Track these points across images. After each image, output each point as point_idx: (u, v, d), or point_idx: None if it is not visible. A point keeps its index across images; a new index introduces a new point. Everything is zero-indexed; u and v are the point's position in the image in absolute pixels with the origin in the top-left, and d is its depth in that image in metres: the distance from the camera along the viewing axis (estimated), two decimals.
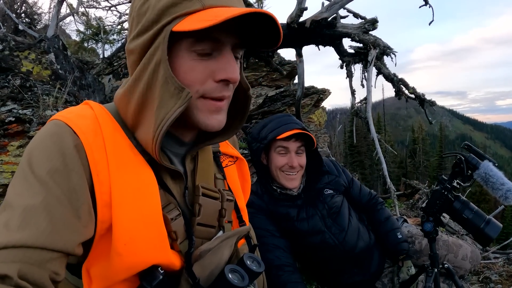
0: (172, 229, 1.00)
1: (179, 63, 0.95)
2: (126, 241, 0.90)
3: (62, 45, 4.51)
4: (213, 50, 0.96)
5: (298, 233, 2.32)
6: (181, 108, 0.92)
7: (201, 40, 0.93)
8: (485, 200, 25.40)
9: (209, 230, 1.12)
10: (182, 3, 0.90)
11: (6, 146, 2.83)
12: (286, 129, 2.22)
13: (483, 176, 1.94)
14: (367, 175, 39.50)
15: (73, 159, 0.88)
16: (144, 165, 0.99)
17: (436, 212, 2.10)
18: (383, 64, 4.79)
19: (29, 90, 3.37)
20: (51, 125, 0.94)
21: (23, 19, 12.62)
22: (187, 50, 0.94)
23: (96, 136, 0.94)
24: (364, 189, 2.68)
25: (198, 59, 0.95)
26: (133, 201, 0.93)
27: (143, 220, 0.94)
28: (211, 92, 0.97)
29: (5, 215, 0.80)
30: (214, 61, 0.96)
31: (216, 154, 1.29)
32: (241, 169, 1.42)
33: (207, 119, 1.00)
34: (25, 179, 0.85)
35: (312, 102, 7.99)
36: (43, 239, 0.79)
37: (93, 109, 1.02)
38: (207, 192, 1.13)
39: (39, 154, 0.88)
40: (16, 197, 0.83)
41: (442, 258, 2.46)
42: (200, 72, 0.95)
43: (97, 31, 13.24)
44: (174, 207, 1.03)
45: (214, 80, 0.96)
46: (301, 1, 4.66)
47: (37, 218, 0.80)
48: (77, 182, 0.88)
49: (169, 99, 0.92)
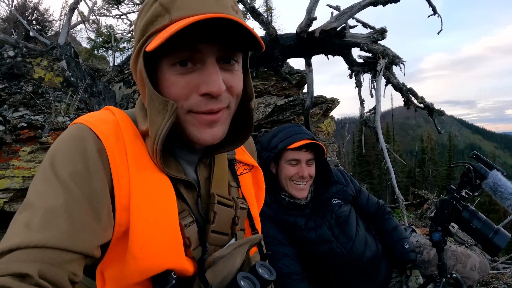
0: (186, 235, 1.00)
1: (162, 79, 0.95)
2: (142, 245, 0.91)
3: (74, 53, 4.56)
4: (196, 61, 0.94)
5: (306, 242, 2.32)
6: (169, 121, 0.92)
7: (178, 51, 0.92)
8: (494, 210, 25.09)
9: (222, 237, 1.12)
10: (157, 19, 0.91)
11: (18, 151, 2.87)
12: (296, 139, 2.24)
13: (492, 185, 1.93)
14: (376, 185, 39.29)
15: (95, 163, 0.90)
16: (161, 172, 1.01)
17: (445, 221, 2.09)
18: (392, 74, 4.79)
19: (41, 96, 3.42)
20: (74, 129, 0.96)
21: (34, 26, 12.79)
22: (168, 65, 0.94)
23: (117, 141, 0.96)
24: (372, 199, 2.68)
25: (179, 74, 0.94)
26: (151, 206, 0.94)
27: (159, 225, 0.95)
28: (197, 107, 0.95)
29: (26, 215, 0.82)
30: (197, 74, 0.94)
31: (232, 161, 1.29)
32: (256, 178, 1.42)
33: (199, 133, 0.99)
34: (47, 180, 0.86)
35: (321, 112, 7.97)
36: (64, 241, 0.80)
37: (115, 114, 1.04)
38: (222, 200, 1.13)
39: (62, 156, 0.89)
40: (38, 198, 0.84)
41: (451, 268, 2.44)
42: (183, 87, 0.94)
43: (108, 39, 13.38)
44: (188, 214, 1.04)
45: (198, 93, 0.94)
46: (310, 11, 4.68)
47: (58, 220, 0.81)
48: (98, 186, 0.89)
49: (156, 115, 0.94)
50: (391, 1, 4.42)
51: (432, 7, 4.83)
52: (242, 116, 1.12)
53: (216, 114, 0.98)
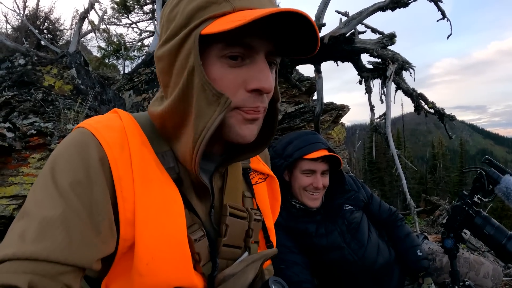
0: (195, 250, 0.95)
1: (209, 71, 0.88)
2: (148, 261, 0.87)
3: (83, 61, 4.60)
4: (246, 57, 0.89)
5: (316, 249, 2.29)
6: (221, 115, 0.86)
7: (232, 45, 0.87)
8: (507, 216, 24.82)
9: (235, 251, 1.08)
10: (211, 6, 0.85)
11: (27, 158, 2.88)
12: (313, 149, 2.20)
13: (505, 190, 1.90)
14: (387, 192, 39.04)
15: (97, 173, 0.85)
16: (169, 184, 0.95)
17: (457, 228, 2.06)
18: (402, 79, 4.77)
19: (51, 104, 3.44)
20: (78, 134, 0.91)
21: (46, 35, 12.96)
22: (217, 57, 0.88)
23: (122, 151, 0.90)
24: (383, 205, 2.65)
25: (228, 68, 0.89)
26: (157, 220, 0.89)
27: (167, 241, 0.90)
28: (243, 103, 0.91)
29: (22, 224, 0.79)
30: (246, 69, 0.90)
31: (246, 170, 1.24)
32: (271, 188, 1.37)
33: (240, 128, 0.93)
34: (46, 188, 0.83)
35: (331, 118, 7.96)
36: (58, 254, 0.76)
37: (122, 119, 0.98)
38: (235, 211, 1.08)
39: (63, 163, 0.85)
40: (35, 207, 0.81)
41: (463, 275, 2.41)
42: (231, 81, 0.89)
43: (118, 47, 13.53)
44: (199, 227, 0.98)
45: (246, 89, 0.90)
46: (319, 17, 4.68)
47: (54, 231, 0.77)
48: (99, 196, 0.84)
49: (207, 107, 0.87)
50: (400, 6, 4.42)
51: (441, 11, 4.82)
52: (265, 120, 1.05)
53: (257, 112, 0.94)
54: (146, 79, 6.30)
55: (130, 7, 14.87)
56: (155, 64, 1.00)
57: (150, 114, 1.02)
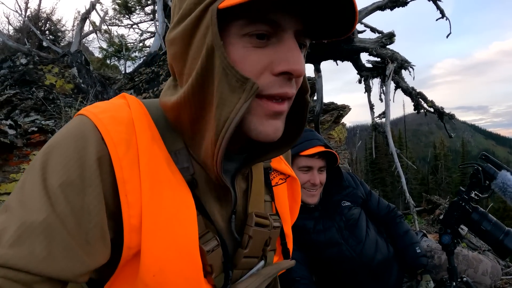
0: (207, 262, 0.84)
1: (229, 51, 0.74)
2: (155, 273, 0.77)
3: (84, 60, 4.62)
4: (271, 35, 0.76)
5: (314, 246, 2.30)
6: (247, 103, 0.73)
7: (255, 22, 0.74)
8: (509, 217, 24.70)
9: (252, 260, 0.97)
10: None
11: (28, 155, 2.90)
12: (309, 146, 2.22)
13: (501, 186, 1.90)
14: (389, 192, 38.93)
15: (93, 174, 0.74)
16: (182, 186, 0.83)
17: (454, 224, 2.06)
18: (401, 78, 4.78)
19: (52, 102, 3.47)
20: (80, 123, 0.79)
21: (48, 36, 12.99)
22: (237, 35, 0.75)
23: (128, 149, 0.78)
24: (382, 202, 2.65)
25: (251, 47, 0.75)
26: (166, 228, 0.79)
27: (176, 251, 0.79)
28: (268, 88, 0.77)
29: (2, 221, 0.71)
30: (272, 49, 0.76)
31: (267, 170, 1.09)
32: (292, 189, 1.23)
33: (261, 124, 0.80)
34: (33, 185, 0.73)
35: (332, 119, 7.96)
36: (34, 265, 0.67)
37: (131, 108, 0.85)
38: (259, 220, 0.96)
39: (57, 158, 0.74)
40: (19, 205, 0.72)
41: (462, 273, 2.41)
42: (254, 63, 0.75)
43: (119, 48, 13.54)
44: (213, 236, 0.87)
45: (272, 73, 0.76)
46: None
47: (34, 239, 0.68)
48: (92, 201, 0.73)
49: (230, 95, 0.74)
50: (399, 5, 4.43)
51: (440, 10, 4.83)
52: (291, 114, 0.90)
53: (282, 103, 0.80)
54: (147, 79, 6.32)
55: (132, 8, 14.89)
56: (167, 49, 0.87)
57: (162, 105, 0.89)
